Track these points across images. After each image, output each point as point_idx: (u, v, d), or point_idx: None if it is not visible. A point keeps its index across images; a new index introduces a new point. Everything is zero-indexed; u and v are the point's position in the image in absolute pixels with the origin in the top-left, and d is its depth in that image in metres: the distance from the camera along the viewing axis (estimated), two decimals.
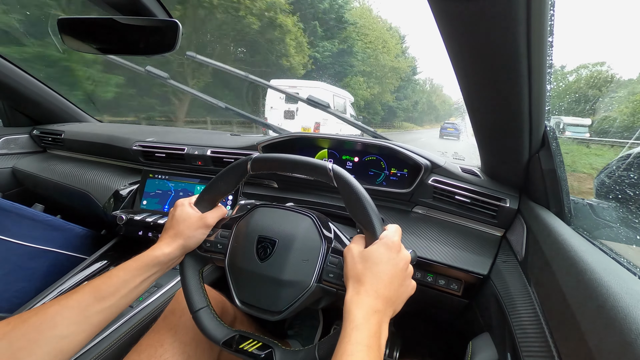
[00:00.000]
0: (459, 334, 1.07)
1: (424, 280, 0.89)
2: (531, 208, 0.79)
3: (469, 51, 0.48)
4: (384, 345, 0.47)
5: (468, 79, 0.57)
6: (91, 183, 1.39)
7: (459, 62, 0.52)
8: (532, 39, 0.42)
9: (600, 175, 0.95)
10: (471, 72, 0.54)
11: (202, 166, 1.29)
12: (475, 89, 0.58)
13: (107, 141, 1.47)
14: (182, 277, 0.66)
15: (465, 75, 0.56)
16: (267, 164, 0.63)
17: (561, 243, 0.57)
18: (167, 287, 0.95)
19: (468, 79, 0.56)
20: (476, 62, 0.50)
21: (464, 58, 0.51)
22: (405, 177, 1.09)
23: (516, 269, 0.73)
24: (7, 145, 1.67)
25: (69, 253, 1.23)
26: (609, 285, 0.41)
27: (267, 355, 0.57)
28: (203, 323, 0.62)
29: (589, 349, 0.38)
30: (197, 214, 0.66)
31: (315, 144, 1.19)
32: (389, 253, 0.52)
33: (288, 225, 0.65)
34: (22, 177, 1.64)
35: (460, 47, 0.48)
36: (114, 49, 0.90)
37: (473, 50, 0.47)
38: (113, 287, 0.54)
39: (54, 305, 0.49)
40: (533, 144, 0.69)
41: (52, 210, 1.45)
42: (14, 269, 1.07)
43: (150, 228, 1.14)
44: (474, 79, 0.56)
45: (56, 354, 0.47)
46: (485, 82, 0.55)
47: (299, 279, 0.59)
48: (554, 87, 0.61)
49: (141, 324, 0.84)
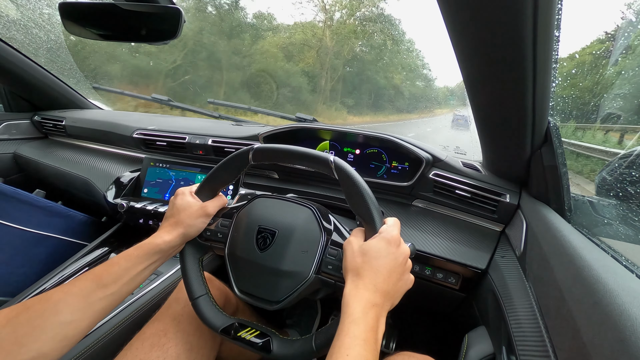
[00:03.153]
0: (455, 327, 1.08)
1: (422, 273, 0.89)
2: (531, 204, 0.79)
3: (473, 43, 0.47)
4: (380, 338, 0.47)
5: (472, 72, 0.56)
6: (92, 170, 1.39)
7: (463, 54, 0.52)
8: (539, 32, 0.42)
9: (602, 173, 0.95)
10: (475, 65, 0.53)
11: (203, 155, 1.28)
12: (479, 82, 0.58)
13: (108, 128, 1.47)
14: (182, 265, 0.67)
15: (469, 67, 0.55)
16: (269, 155, 0.63)
17: (560, 239, 0.57)
18: (167, 275, 0.96)
19: (472, 71, 0.56)
20: (480, 54, 0.49)
21: (468, 50, 0.50)
22: (406, 170, 1.09)
23: (514, 264, 0.73)
24: (8, 130, 1.66)
25: (70, 239, 1.24)
26: (607, 282, 0.41)
27: (265, 343, 0.58)
28: (202, 310, 0.63)
29: (583, 344, 0.38)
30: (198, 203, 0.66)
31: (316, 136, 1.18)
32: (388, 247, 0.52)
33: (288, 216, 0.65)
34: (23, 163, 1.64)
35: (465, 38, 0.48)
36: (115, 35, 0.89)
37: (477, 41, 0.47)
38: (115, 275, 0.55)
39: (58, 292, 0.50)
40: (535, 140, 0.69)
41: (53, 197, 1.46)
42: (16, 253, 1.08)
43: (151, 216, 1.14)
44: (477, 72, 0.55)
45: (60, 340, 0.48)
46: (489, 76, 0.54)
47: (298, 269, 0.60)
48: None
49: (142, 311, 0.85)
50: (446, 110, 21.23)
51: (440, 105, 22.75)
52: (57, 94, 1.73)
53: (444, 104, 23.39)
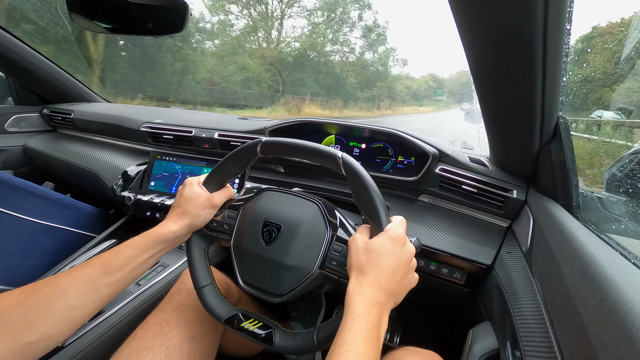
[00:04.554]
0: (459, 322, 1.08)
1: (427, 268, 0.89)
2: (538, 200, 0.79)
3: (482, 35, 0.47)
4: (383, 336, 0.48)
5: (480, 65, 0.55)
6: (100, 163, 1.40)
7: (471, 46, 0.51)
8: (549, 24, 0.41)
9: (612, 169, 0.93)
10: (483, 58, 0.53)
11: (209, 149, 1.29)
12: (487, 76, 0.57)
13: (115, 122, 1.48)
14: (188, 254, 0.68)
15: (477, 61, 0.54)
16: (277, 148, 0.63)
17: (567, 236, 0.56)
18: (174, 267, 0.97)
19: (480, 65, 0.55)
20: (489, 47, 0.49)
21: (477, 42, 0.49)
22: (412, 165, 1.09)
23: (520, 260, 0.73)
24: (18, 123, 1.69)
25: (79, 231, 1.26)
26: (614, 279, 0.41)
27: (267, 335, 0.59)
28: (207, 300, 0.64)
29: (589, 340, 0.38)
30: (205, 194, 0.67)
31: (322, 130, 1.18)
32: (393, 246, 0.52)
33: (294, 211, 0.65)
34: (33, 156, 1.66)
35: (473, 31, 0.47)
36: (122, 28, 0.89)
37: (486, 34, 0.46)
38: (121, 262, 0.56)
39: (66, 277, 0.51)
40: (544, 135, 0.68)
41: (61, 189, 1.47)
42: (27, 245, 1.10)
43: (158, 209, 1.16)
44: (486, 66, 0.54)
45: (67, 323, 0.49)
46: (498, 70, 0.53)
47: (302, 264, 0.60)
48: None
49: (148, 302, 0.86)
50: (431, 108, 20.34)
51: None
52: (65, 87, 1.75)
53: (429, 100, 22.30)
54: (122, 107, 1.76)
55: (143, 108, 1.83)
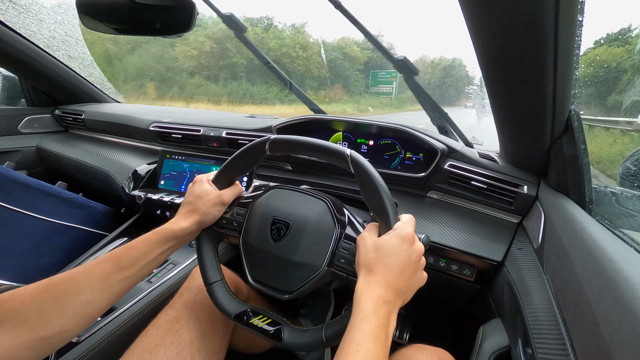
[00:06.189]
0: (469, 319, 1.07)
1: (436, 265, 0.89)
2: (550, 195, 0.77)
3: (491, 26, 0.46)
4: (391, 334, 0.47)
5: (489, 57, 0.54)
6: (111, 162, 1.43)
7: (480, 39, 0.50)
8: (561, 16, 0.40)
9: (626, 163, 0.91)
10: (493, 50, 0.52)
11: (218, 148, 1.30)
12: (497, 69, 0.56)
13: (125, 122, 1.50)
14: (198, 251, 0.69)
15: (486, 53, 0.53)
16: (285, 146, 0.64)
17: (580, 231, 0.55)
18: (184, 265, 0.98)
19: (489, 57, 0.54)
20: (498, 39, 0.48)
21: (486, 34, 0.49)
22: (421, 161, 1.08)
23: (531, 256, 0.72)
24: (31, 124, 1.72)
25: (91, 229, 1.28)
26: (628, 275, 0.40)
27: (276, 331, 0.59)
28: (216, 296, 0.64)
29: (602, 338, 0.37)
30: (214, 191, 0.67)
31: (330, 127, 1.18)
32: (402, 244, 0.52)
33: (303, 208, 0.65)
34: (46, 156, 1.70)
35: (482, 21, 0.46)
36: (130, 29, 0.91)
37: (496, 25, 0.45)
38: (133, 258, 0.57)
39: (80, 272, 0.52)
40: (556, 130, 0.67)
41: (74, 189, 1.50)
42: (40, 243, 1.13)
43: (168, 207, 1.17)
44: (495, 58, 0.53)
45: (81, 318, 0.51)
46: (508, 62, 0.52)
47: (311, 262, 0.60)
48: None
49: (159, 299, 0.88)
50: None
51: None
52: (77, 88, 1.78)
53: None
54: (131, 107, 1.78)
55: (152, 107, 1.86)
